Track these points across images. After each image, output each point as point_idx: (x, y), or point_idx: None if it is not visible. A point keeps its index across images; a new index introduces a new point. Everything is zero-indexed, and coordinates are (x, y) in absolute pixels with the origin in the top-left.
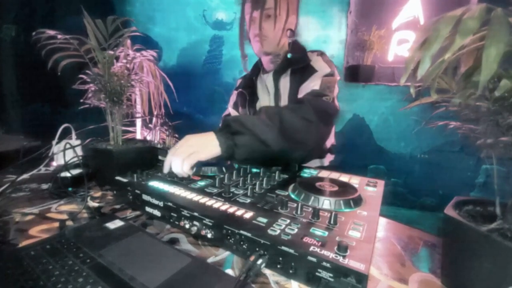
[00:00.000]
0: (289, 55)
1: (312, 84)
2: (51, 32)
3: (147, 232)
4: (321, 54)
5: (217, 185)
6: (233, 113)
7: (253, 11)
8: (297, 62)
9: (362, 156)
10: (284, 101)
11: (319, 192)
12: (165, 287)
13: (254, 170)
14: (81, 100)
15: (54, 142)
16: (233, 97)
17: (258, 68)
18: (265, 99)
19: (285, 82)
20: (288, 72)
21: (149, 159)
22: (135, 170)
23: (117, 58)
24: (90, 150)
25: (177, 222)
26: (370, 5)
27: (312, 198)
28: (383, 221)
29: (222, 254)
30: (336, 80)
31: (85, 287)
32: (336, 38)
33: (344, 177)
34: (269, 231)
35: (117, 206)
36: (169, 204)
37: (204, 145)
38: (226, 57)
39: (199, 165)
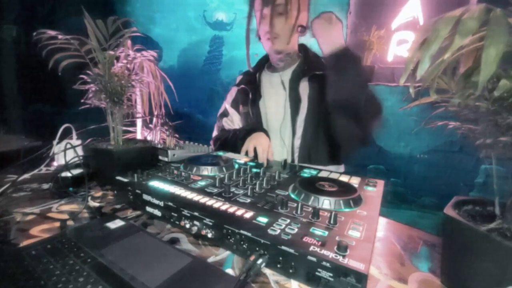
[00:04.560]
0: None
1: None
2: (52, 33)
3: (147, 232)
4: None
5: (217, 185)
6: (231, 111)
7: (264, 8)
8: (319, 69)
9: (361, 156)
10: (304, 102)
11: (319, 192)
12: (166, 286)
13: (254, 170)
14: (82, 100)
15: (55, 142)
16: (231, 94)
17: (262, 65)
18: (272, 98)
19: (304, 85)
20: (307, 76)
21: (149, 159)
22: (136, 170)
23: (118, 59)
24: (90, 150)
25: (177, 222)
26: (370, 6)
27: (312, 198)
28: (382, 221)
29: (222, 253)
30: None
31: (86, 286)
32: None
33: (344, 177)
34: (269, 231)
35: (118, 206)
36: (170, 204)
37: None
38: (226, 58)
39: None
